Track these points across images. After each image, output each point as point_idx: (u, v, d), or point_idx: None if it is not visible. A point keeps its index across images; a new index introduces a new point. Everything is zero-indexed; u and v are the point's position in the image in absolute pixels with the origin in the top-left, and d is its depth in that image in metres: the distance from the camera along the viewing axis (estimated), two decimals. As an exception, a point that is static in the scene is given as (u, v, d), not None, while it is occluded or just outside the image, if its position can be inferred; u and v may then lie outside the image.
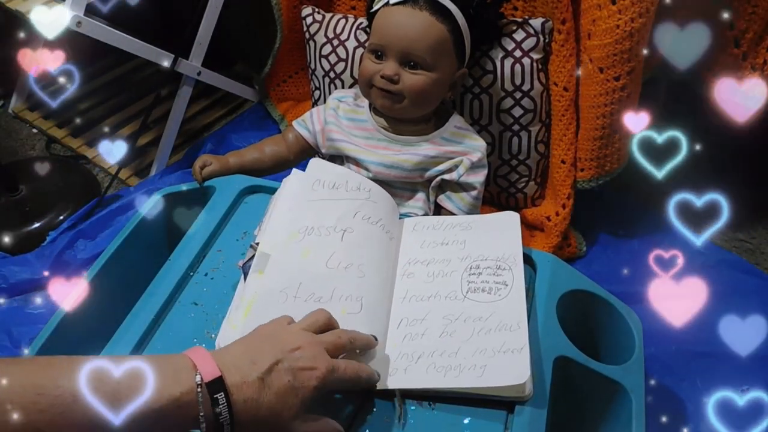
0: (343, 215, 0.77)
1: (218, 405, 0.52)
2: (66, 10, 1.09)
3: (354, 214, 0.78)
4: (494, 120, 1.10)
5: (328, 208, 0.78)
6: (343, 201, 0.79)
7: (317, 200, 0.79)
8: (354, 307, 0.70)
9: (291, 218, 0.76)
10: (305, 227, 0.75)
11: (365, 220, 0.78)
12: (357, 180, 0.83)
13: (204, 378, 0.52)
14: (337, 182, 0.81)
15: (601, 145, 1.04)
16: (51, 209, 1.26)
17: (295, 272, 0.71)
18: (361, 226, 0.78)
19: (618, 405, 0.73)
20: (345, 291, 0.71)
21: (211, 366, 0.53)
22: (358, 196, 0.81)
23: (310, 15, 1.20)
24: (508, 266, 0.75)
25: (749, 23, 0.96)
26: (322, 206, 0.78)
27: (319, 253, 0.73)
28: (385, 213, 0.82)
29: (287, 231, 0.75)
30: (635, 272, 1.12)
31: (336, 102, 0.98)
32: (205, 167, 0.95)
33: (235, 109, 1.55)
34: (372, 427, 0.64)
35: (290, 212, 0.77)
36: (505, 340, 0.67)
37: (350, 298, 0.70)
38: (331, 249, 0.74)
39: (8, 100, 1.56)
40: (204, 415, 0.51)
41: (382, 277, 0.75)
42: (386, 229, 0.80)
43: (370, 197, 0.81)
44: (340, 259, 0.73)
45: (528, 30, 1.04)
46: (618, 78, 0.96)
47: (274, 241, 0.74)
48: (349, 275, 0.72)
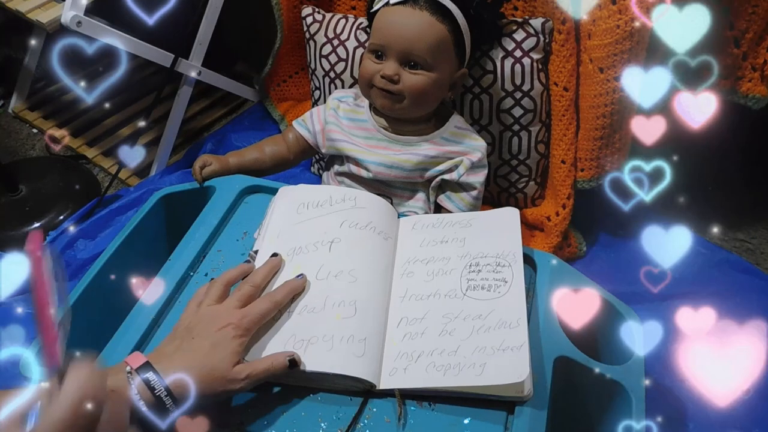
0: (329, 228, 0.78)
1: (150, 383, 0.58)
2: (66, 10, 1.09)
3: (341, 224, 0.79)
4: (494, 120, 1.10)
5: (314, 225, 0.79)
6: (329, 215, 0.80)
7: (303, 221, 0.80)
8: (348, 311, 0.70)
9: (279, 243, 0.77)
10: (293, 248, 0.76)
11: (353, 227, 0.79)
12: (341, 193, 0.83)
13: (132, 366, 0.59)
14: (321, 200, 0.82)
15: (601, 145, 1.04)
16: (51, 209, 1.26)
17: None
18: (348, 233, 0.78)
19: (618, 405, 0.73)
20: (338, 297, 0.71)
21: (139, 358, 0.60)
22: (344, 207, 0.81)
23: (310, 15, 1.20)
24: (508, 263, 0.75)
25: (749, 23, 0.96)
26: (309, 225, 0.79)
27: (308, 268, 0.74)
28: (376, 215, 0.82)
29: (280, 251, 0.76)
30: (635, 272, 1.12)
31: (336, 102, 0.98)
32: (205, 167, 0.94)
33: (235, 109, 1.55)
34: (372, 427, 0.64)
35: (278, 238, 0.78)
36: (504, 338, 0.67)
37: (343, 304, 0.71)
38: (320, 261, 0.75)
39: (8, 100, 1.56)
40: (139, 393, 0.57)
41: (376, 278, 0.75)
42: (378, 231, 0.80)
43: (356, 204, 0.82)
44: (330, 269, 0.74)
45: (528, 30, 1.04)
46: (618, 78, 0.95)
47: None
48: (340, 282, 0.73)
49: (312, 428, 0.64)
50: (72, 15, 1.09)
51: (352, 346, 0.67)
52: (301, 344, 0.67)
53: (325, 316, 0.69)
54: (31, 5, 1.18)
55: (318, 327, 0.68)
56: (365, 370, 0.66)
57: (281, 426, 0.64)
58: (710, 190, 1.28)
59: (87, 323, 0.80)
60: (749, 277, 1.10)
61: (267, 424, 0.64)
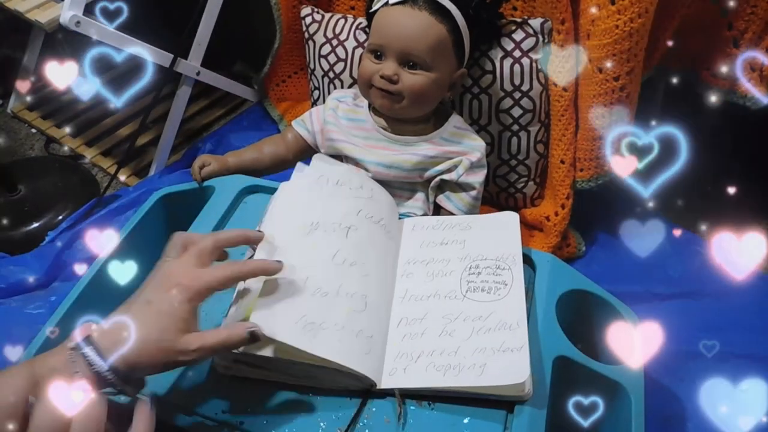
0: (347, 212, 0.78)
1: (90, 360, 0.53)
2: (65, 10, 1.09)
3: (357, 212, 0.78)
4: (493, 120, 1.10)
5: (333, 204, 0.78)
6: (347, 199, 0.80)
7: (322, 196, 0.79)
8: (359, 305, 0.70)
9: (298, 212, 0.76)
10: (311, 222, 0.75)
11: (368, 219, 0.79)
12: (360, 178, 0.84)
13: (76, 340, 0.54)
14: (341, 179, 0.81)
15: (600, 145, 1.04)
16: (50, 209, 1.26)
17: (303, 265, 0.70)
18: (364, 224, 0.78)
19: (618, 405, 0.73)
20: (350, 288, 0.70)
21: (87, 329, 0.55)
22: (361, 194, 0.81)
23: (309, 15, 1.20)
24: (508, 266, 0.75)
25: (748, 23, 0.97)
26: (327, 202, 0.78)
27: (325, 249, 0.73)
28: (386, 213, 0.82)
29: (294, 224, 0.74)
30: (634, 272, 1.13)
31: (335, 102, 0.98)
32: (204, 167, 0.94)
33: (234, 109, 1.55)
34: (372, 427, 0.64)
35: (297, 206, 0.77)
36: (504, 339, 0.67)
37: (355, 296, 0.70)
38: (337, 245, 0.74)
39: (7, 99, 1.56)
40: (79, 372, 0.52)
41: (383, 277, 0.75)
42: (387, 229, 0.80)
43: (373, 196, 0.82)
44: (345, 255, 0.73)
45: (527, 30, 1.04)
46: (617, 78, 0.96)
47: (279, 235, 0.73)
48: (354, 273, 0.72)
49: (311, 428, 0.64)
50: (71, 15, 1.09)
51: (360, 341, 0.67)
52: (311, 327, 0.65)
53: (337, 304, 0.68)
54: (30, 5, 1.18)
55: (330, 314, 0.67)
56: (370, 367, 0.66)
57: (281, 426, 0.64)
58: (710, 190, 1.29)
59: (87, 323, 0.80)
60: (749, 277, 1.10)
61: (267, 424, 0.64)
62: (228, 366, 0.67)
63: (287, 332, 0.63)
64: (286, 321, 0.64)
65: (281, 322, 0.64)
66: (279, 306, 0.65)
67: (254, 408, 0.66)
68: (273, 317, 0.64)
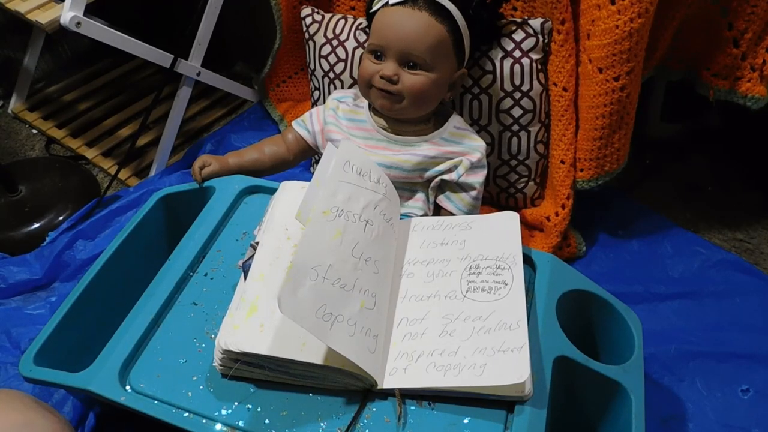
0: (366, 206, 0.78)
1: None
2: (65, 11, 1.09)
3: (374, 207, 0.79)
4: (494, 120, 1.10)
5: (355, 194, 0.78)
6: (367, 191, 0.80)
7: (347, 183, 0.78)
8: (370, 302, 0.70)
9: (325, 193, 0.74)
10: (337, 208, 0.74)
11: (382, 216, 0.79)
12: (378, 173, 0.84)
13: None
14: (363, 169, 0.81)
15: (601, 146, 1.04)
16: (50, 210, 1.26)
17: (327, 251, 0.70)
18: (379, 221, 0.78)
19: (618, 405, 0.73)
20: (364, 284, 0.71)
21: None
22: (378, 190, 0.81)
23: (309, 15, 1.20)
24: (508, 266, 0.75)
25: (748, 23, 0.97)
26: (351, 191, 0.78)
27: (348, 239, 0.72)
28: (395, 213, 0.83)
29: (321, 206, 0.73)
30: (635, 272, 1.13)
31: (335, 102, 0.98)
32: (204, 167, 0.95)
33: (234, 110, 1.55)
34: (372, 427, 0.64)
35: (324, 187, 0.75)
36: (504, 339, 0.67)
37: (368, 293, 0.70)
38: (357, 238, 0.74)
39: (8, 100, 1.56)
40: None
41: (389, 277, 0.76)
42: (394, 230, 0.81)
43: (386, 194, 0.82)
44: (363, 250, 0.73)
45: (527, 30, 1.04)
46: (617, 78, 0.96)
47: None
48: (368, 268, 0.72)
49: (312, 428, 0.64)
50: (71, 16, 1.09)
51: (367, 339, 0.67)
52: (329, 317, 0.65)
53: (351, 298, 0.68)
54: (30, 6, 1.18)
55: (346, 307, 0.67)
56: (374, 366, 0.66)
57: (281, 426, 0.64)
58: (710, 190, 1.29)
59: (87, 323, 0.81)
60: (748, 277, 1.10)
61: (267, 424, 0.64)
62: (228, 366, 0.67)
63: (308, 319, 0.62)
64: (308, 308, 0.64)
65: (304, 308, 0.63)
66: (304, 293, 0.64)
67: (254, 408, 0.66)
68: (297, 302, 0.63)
